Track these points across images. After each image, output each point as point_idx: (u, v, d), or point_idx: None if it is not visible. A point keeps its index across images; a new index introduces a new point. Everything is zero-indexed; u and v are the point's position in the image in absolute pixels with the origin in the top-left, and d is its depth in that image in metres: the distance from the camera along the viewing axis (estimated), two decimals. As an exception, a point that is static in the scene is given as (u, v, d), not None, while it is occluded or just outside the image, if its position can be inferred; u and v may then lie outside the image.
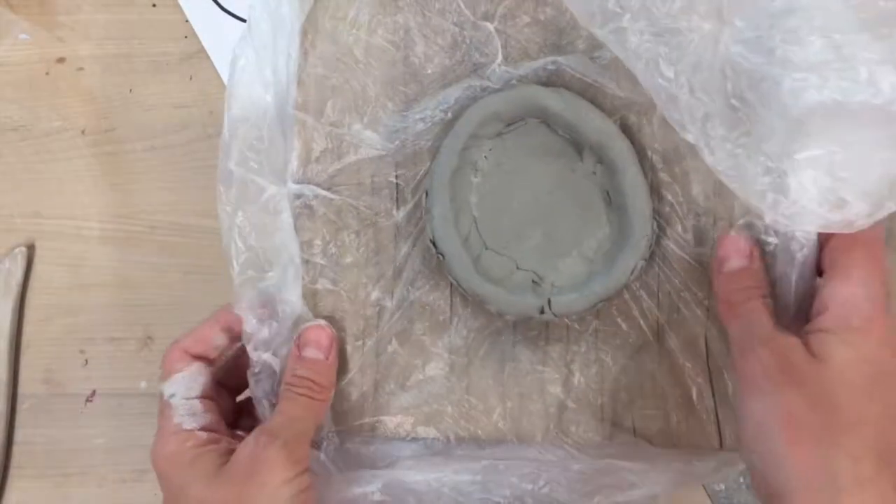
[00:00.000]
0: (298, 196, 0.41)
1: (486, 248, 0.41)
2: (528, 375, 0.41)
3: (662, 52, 0.36)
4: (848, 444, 0.30)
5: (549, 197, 0.41)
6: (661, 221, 0.40)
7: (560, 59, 0.41)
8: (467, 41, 0.41)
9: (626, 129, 0.40)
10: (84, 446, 0.46)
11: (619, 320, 0.41)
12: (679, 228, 0.40)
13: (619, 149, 0.39)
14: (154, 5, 0.48)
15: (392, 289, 0.41)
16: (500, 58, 0.41)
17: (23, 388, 0.46)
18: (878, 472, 0.30)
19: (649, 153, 0.41)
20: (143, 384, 0.46)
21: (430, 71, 0.42)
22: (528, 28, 0.41)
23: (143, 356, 0.46)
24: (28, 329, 0.47)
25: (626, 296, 0.41)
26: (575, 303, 0.39)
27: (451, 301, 0.41)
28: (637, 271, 0.39)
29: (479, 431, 0.40)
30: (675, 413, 0.40)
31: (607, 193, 0.41)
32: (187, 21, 0.47)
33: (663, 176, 0.41)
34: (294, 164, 0.42)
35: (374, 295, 0.41)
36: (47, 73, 0.48)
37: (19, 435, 0.46)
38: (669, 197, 0.41)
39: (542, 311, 0.39)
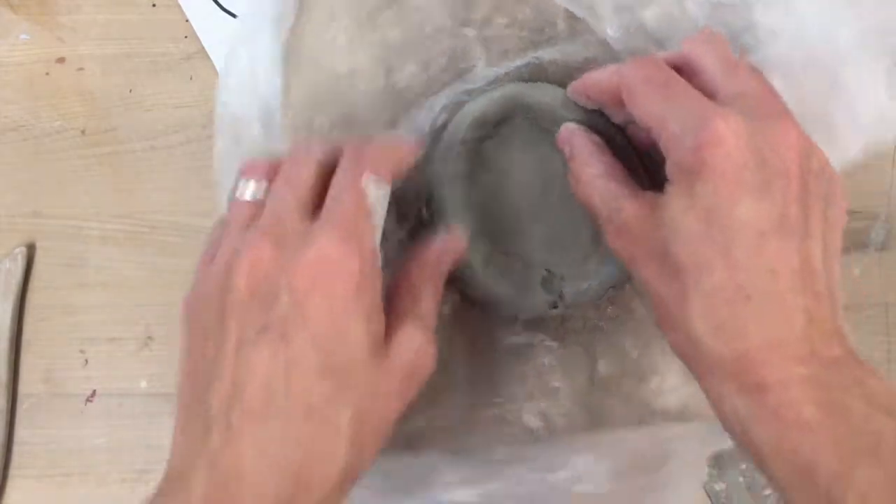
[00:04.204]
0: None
1: (493, 251, 0.41)
2: (552, 370, 0.41)
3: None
4: (694, 301, 0.28)
5: (547, 191, 0.41)
6: None
7: (541, 53, 0.41)
8: (449, 50, 0.42)
9: None
10: (84, 446, 0.46)
11: (632, 305, 0.41)
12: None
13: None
14: (154, 5, 0.48)
15: None
16: (482, 61, 0.41)
17: (23, 388, 0.46)
18: (730, 315, 0.27)
19: None
20: (143, 384, 0.46)
21: (414, 83, 0.42)
22: (507, 29, 0.41)
23: (143, 356, 0.46)
24: (28, 329, 0.47)
25: None
26: (587, 292, 0.39)
27: (460, 308, 0.41)
28: None
29: (515, 431, 0.40)
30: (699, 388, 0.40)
31: None
32: (187, 21, 0.47)
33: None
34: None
35: None
36: (47, 74, 0.48)
37: (19, 435, 0.46)
38: None
39: (554, 306, 0.39)
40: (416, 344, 0.30)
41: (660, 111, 0.30)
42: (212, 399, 0.27)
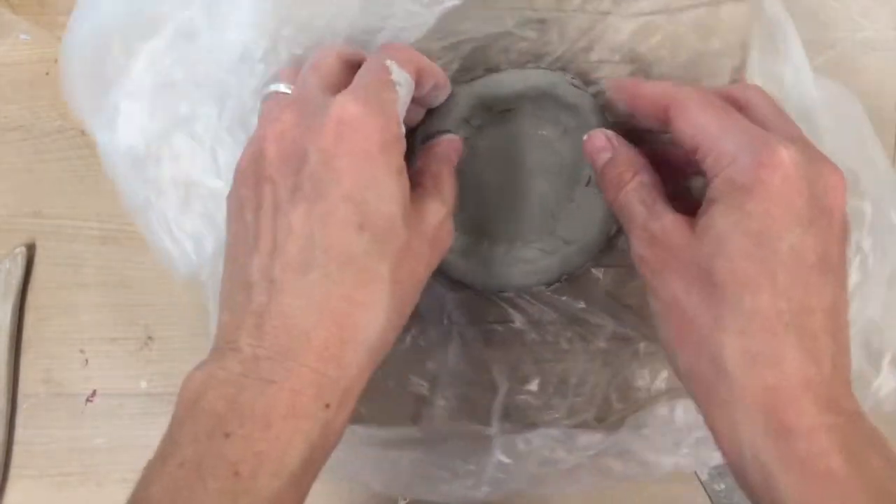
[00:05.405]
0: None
1: (461, 229, 0.40)
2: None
3: None
4: (729, 320, 0.28)
5: (518, 171, 0.40)
6: None
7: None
8: None
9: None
10: (84, 446, 0.46)
11: None
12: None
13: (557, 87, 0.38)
14: (154, 5, 0.48)
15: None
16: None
17: (23, 388, 0.46)
18: (767, 341, 0.27)
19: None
20: (143, 384, 0.46)
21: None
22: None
23: (143, 356, 0.46)
24: (28, 329, 0.47)
25: None
26: (544, 272, 0.39)
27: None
28: None
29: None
30: None
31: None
32: (187, 21, 0.47)
33: None
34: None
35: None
36: (47, 74, 0.47)
37: (19, 435, 0.46)
38: None
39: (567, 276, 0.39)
40: (440, 215, 0.32)
41: (716, 130, 0.29)
42: (253, 263, 0.28)
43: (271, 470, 0.26)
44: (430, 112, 0.38)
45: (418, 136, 0.38)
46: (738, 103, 0.32)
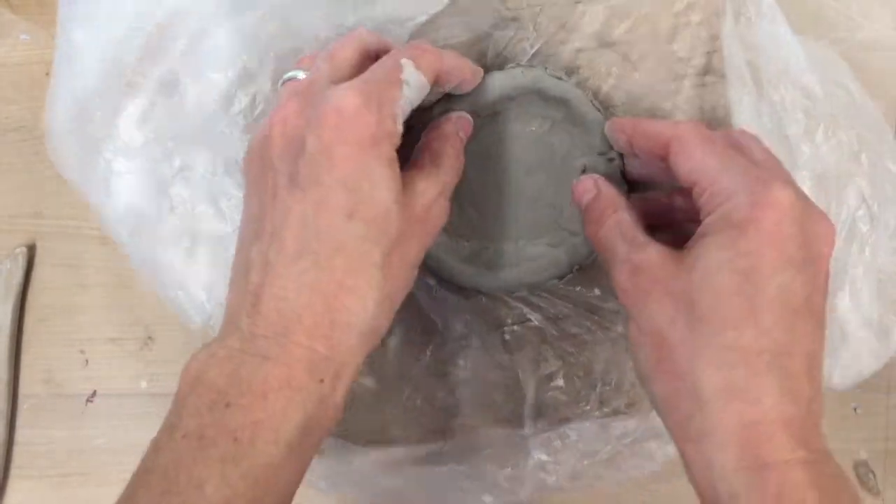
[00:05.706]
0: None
1: (520, 241, 0.40)
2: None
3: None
4: (711, 353, 0.28)
5: (526, 174, 0.40)
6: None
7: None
8: None
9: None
10: (84, 446, 0.46)
11: None
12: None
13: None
14: (154, 6, 0.48)
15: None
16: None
17: (23, 389, 0.46)
18: (748, 378, 0.27)
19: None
20: (143, 384, 0.46)
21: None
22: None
23: (143, 356, 0.46)
24: (28, 329, 0.47)
25: None
26: (543, 272, 0.39)
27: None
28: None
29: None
30: None
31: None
32: (187, 21, 0.47)
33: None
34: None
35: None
36: (47, 74, 0.48)
37: (19, 435, 0.46)
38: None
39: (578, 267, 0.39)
40: (431, 195, 0.32)
41: (715, 166, 0.30)
42: (254, 247, 0.30)
43: (269, 438, 0.27)
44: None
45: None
46: (737, 145, 0.32)
